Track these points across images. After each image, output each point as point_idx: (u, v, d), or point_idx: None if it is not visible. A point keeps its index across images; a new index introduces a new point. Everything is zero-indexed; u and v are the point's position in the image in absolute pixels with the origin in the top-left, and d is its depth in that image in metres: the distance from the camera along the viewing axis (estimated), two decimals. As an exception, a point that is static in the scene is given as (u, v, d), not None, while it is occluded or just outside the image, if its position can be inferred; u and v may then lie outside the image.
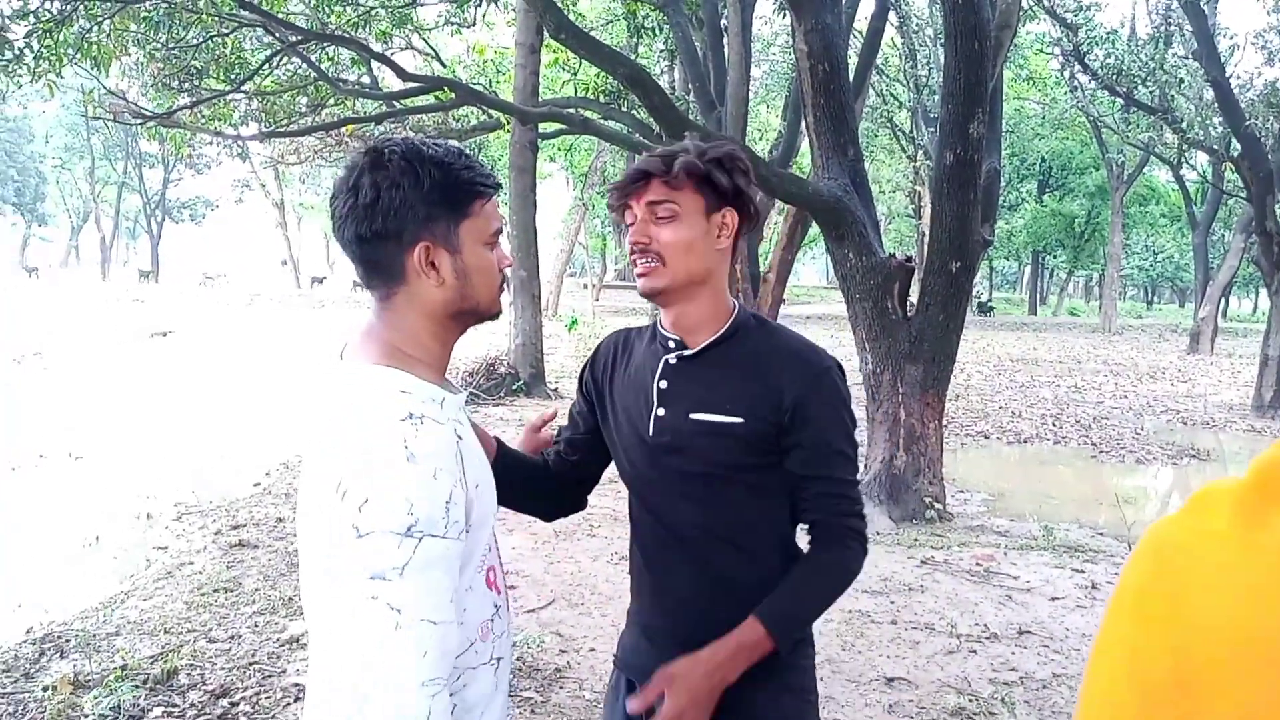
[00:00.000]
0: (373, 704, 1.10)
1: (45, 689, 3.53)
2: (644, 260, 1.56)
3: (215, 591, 4.69)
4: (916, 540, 5.87)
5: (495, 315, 1.38)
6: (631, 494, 1.69)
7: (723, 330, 1.60)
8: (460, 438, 1.24)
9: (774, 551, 1.60)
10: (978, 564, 5.40)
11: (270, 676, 3.72)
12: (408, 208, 1.23)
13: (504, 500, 1.72)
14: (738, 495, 1.57)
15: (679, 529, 1.61)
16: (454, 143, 1.34)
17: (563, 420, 1.88)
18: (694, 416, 1.56)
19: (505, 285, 1.41)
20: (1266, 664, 0.44)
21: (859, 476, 1.58)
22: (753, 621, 1.49)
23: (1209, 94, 14.61)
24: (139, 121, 11.26)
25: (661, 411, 1.61)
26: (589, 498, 1.87)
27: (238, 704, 3.49)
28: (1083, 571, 5.40)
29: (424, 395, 1.24)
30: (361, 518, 1.13)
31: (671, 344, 1.63)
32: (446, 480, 1.17)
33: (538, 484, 1.78)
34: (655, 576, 1.65)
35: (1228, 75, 13.83)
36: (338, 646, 1.14)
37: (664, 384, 1.61)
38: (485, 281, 1.32)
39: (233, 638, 4.10)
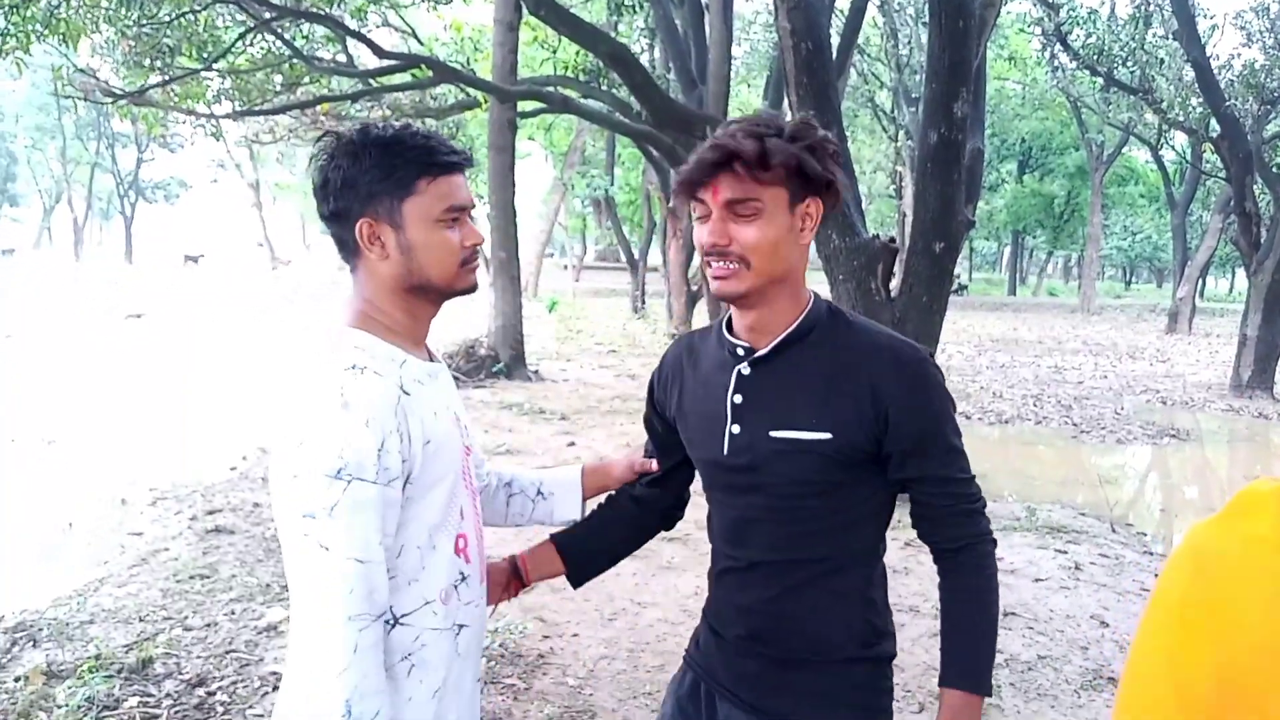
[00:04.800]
0: (308, 635, 1.21)
1: (17, 679, 3.46)
2: (721, 263, 1.38)
3: (191, 578, 4.61)
4: (900, 521, 5.81)
5: (464, 290, 1.42)
6: (710, 504, 1.59)
7: (794, 327, 1.44)
8: (407, 393, 1.30)
9: (858, 570, 1.50)
10: (961, 545, 5.40)
11: (248, 665, 3.66)
12: (349, 187, 1.33)
13: (610, 559, 1.86)
14: (822, 516, 1.45)
15: (757, 551, 1.49)
16: (418, 124, 1.41)
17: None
18: (774, 434, 1.41)
19: (476, 263, 1.43)
20: None
21: (970, 472, 1.54)
22: (949, 694, 1.42)
23: (1189, 74, 14.60)
24: (110, 100, 11.10)
25: (736, 429, 1.46)
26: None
27: (214, 693, 3.43)
28: (1065, 553, 5.40)
29: (379, 353, 1.32)
30: (297, 460, 1.22)
31: (740, 351, 1.47)
32: (378, 429, 1.24)
33: (622, 529, 1.81)
34: (731, 587, 1.55)
35: (1207, 55, 13.79)
36: (291, 581, 1.25)
37: (738, 398, 1.46)
38: (434, 258, 1.37)
39: (209, 626, 4.03)
